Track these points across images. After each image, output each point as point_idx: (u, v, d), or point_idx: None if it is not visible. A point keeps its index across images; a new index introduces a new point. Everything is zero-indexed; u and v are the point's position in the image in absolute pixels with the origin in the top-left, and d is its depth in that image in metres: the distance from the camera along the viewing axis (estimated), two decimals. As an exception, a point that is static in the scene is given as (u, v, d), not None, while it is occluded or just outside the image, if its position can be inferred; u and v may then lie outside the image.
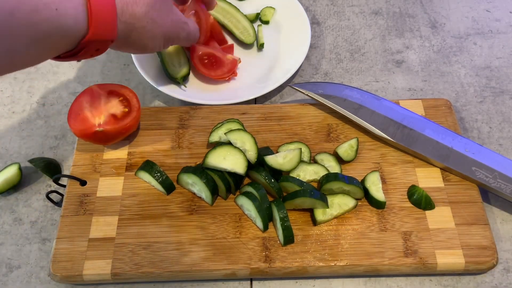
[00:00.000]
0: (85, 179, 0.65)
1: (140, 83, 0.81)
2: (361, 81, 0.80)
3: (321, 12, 0.91)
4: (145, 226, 0.61)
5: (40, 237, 0.65)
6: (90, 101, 0.66)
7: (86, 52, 0.53)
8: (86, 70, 0.83)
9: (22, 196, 0.68)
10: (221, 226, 0.61)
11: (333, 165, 0.65)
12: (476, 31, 0.87)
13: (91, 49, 0.53)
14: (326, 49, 0.85)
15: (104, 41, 0.53)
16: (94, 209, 0.63)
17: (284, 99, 0.79)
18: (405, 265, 0.58)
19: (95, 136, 0.64)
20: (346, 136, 0.69)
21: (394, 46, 0.85)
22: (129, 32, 0.56)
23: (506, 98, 0.78)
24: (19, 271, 0.62)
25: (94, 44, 0.52)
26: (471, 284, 0.60)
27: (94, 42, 0.52)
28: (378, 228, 0.61)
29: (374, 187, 0.63)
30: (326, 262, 0.58)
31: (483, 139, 0.73)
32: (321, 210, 0.61)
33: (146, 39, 0.59)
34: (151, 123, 0.71)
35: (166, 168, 0.66)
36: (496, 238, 0.63)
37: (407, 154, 0.67)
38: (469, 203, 0.63)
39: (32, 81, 0.81)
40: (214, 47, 0.80)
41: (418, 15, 0.90)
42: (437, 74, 0.81)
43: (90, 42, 0.51)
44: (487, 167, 0.64)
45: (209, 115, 0.72)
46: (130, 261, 0.59)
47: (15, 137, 0.74)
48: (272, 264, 0.58)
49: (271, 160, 0.63)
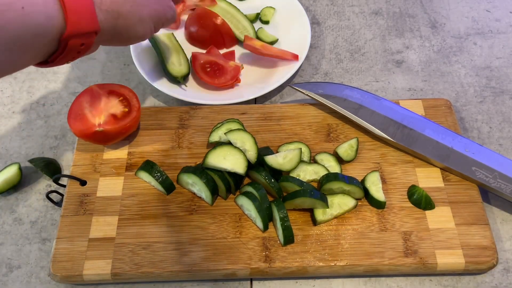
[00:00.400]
0: (85, 179, 0.65)
1: (140, 83, 0.81)
2: (361, 81, 0.80)
3: (321, 12, 0.91)
4: (145, 226, 0.61)
5: (40, 237, 0.65)
6: (90, 101, 0.66)
7: (71, 49, 0.50)
8: (86, 70, 0.83)
9: (22, 196, 0.68)
10: (221, 226, 0.61)
11: (333, 165, 0.65)
12: (476, 31, 0.87)
13: (76, 45, 0.50)
14: (326, 49, 0.85)
15: (86, 33, 0.50)
16: (94, 209, 0.63)
17: (284, 99, 0.79)
18: (405, 265, 0.58)
19: (95, 136, 0.64)
20: (346, 136, 0.69)
21: (394, 46, 0.85)
22: (114, 20, 0.54)
23: (506, 98, 0.78)
24: (19, 271, 0.62)
25: (77, 39, 0.49)
26: (471, 284, 0.60)
27: (75, 37, 0.49)
28: (378, 228, 0.61)
29: (374, 187, 0.63)
30: (326, 262, 0.58)
31: (483, 139, 0.73)
32: (321, 210, 0.61)
33: (134, 25, 0.57)
34: (151, 123, 0.71)
35: (166, 168, 0.66)
36: (496, 238, 0.63)
37: (407, 154, 0.67)
38: (469, 203, 0.63)
39: (32, 81, 0.81)
40: (216, 54, 0.80)
41: (418, 15, 0.90)
42: (437, 74, 0.81)
43: (70, 37, 0.48)
44: (487, 167, 0.64)
45: (209, 115, 0.72)
46: (130, 261, 0.59)
47: (15, 137, 0.74)
48: (272, 264, 0.58)
49: (271, 160, 0.63)
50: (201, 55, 0.77)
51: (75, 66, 0.83)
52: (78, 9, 0.48)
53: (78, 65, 0.83)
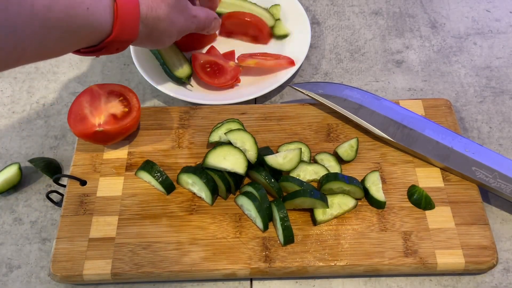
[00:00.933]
0: (85, 179, 0.65)
1: (140, 83, 0.81)
2: (361, 81, 0.80)
3: (321, 12, 0.91)
4: (145, 226, 0.61)
5: (40, 237, 0.65)
6: (90, 101, 0.66)
7: (107, 50, 0.56)
8: (86, 70, 0.83)
9: (22, 196, 0.68)
10: (221, 226, 0.61)
11: (333, 165, 0.65)
12: (476, 31, 0.87)
13: (112, 48, 0.56)
14: (326, 49, 0.85)
15: (125, 41, 0.56)
16: (94, 209, 0.63)
17: (284, 99, 0.79)
18: (405, 265, 0.58)
19: (95, 136, 0.64)
20: (346, 136, 0.69)
21: (394, 46, 0.85)
22: (149, 33, 0.60)
23: (506, 98, 0.78)
24: (19, 271, 0.62)
25: (116, 44, 0.56)
26: (471, 284, 0.60)
27: (116, 42, 0.55)
28: (378, 228, 0.61)
29: (374, 187, 0.63)
30: (326, 262, 0.58)
31: (483, 139, 0.73)
32: (321, 210, 0.61)
33: (164, 37, 0.63)
34: (151, 123, 0.71)
35: (166, 168, 0.66)
36: (496, 238, 0.63)
37: (407, 154, 0.67)
38: (469, 203, 0.63)
39: (32, 81, 0.81)
40: (216, 54, 0.80)
41: (418, 15, 0.90)
42: (437, 74, 0.81)
43: (112, 42, 0.55)
44: (487, 167, 0.64)
45: (209, 115, 0.72)
46: (130, 261, 0.59)
47: (15, 137, 0.74)
48: (272, 264, 0.58)
49: (271, 160, 0.63)
50: (201, 55, 0.77)
51: (75, 66, 0.83)
52: (127, 20, 0.54)
53: (78, 65, 0.83)
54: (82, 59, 0.84)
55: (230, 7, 0.84)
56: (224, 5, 0.85)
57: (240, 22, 0.82)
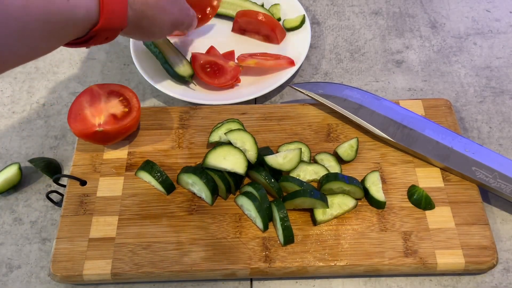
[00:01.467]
0: (85, 179, 0.65)
1: (140, 83, 0.81)
2: (361, 81, 0.80)
3: (321, 12, 0.91)
4: (145, 226, 0.61)
5: (40, 237, 0.65)
6: (90, 101, 0.66)
7: (96, 40, 0.54)
8: (86, 70, 0.83)
9: (22, 196, 0.68)
10: (221, 226, 0.61)
11: (333, 165, 0.65)
12: (476, 31, 0.87)
13: (101, 37, 0.54)
14: (326, 49, 0.85)
15: (114, 29, 0.54)
16: (94, 209, 0.63)
17: (284, 99, 0.79)
18: (405, 265, 0.58)
19: (95, 136, 0.64)
20: (346, 136, 0.69)
21: (394, 46, 0.85)
22: (139, 20, 0.58)
23: (506, 98, 0.78)
24: (19, 271, 0.62)
25: (105, 33, 0.54)
26: (471, 284, 0.60)
27: (104, 31, 0.53)
28: (378, 228, 0.61)
29: (374, 187, 0.63)
30: (326, 262, 0.58)
31: (483, 139, 0.73)
32: (321, 210, 0.61)
33: (155, 27, 0.61)
34: (151, 123, 0.71)
35: (166, 168, 0.66)
36: (496, 238, 0.63)
37: (407, 154, 0.67)
38: (469, 203, 0.63)
39: (32, 81, 0.81)
40: (215, 54, 0.80)
41: (418, 15, 0.90)
42: (437, 74, 0.81)
43: (100, 30, 0.53)
44: (487, 167, 0.64)
45: (209, 115, 0.72)
46: (130, 261, 0.59)
47: (15, 137, 0.74)
48: (272, 264, 0.58)
49: (271, 160, 0.63)
50: (201, 55, 0.77)
51: (75, 66, 0.83)
52: (114, 7, 0.52)
53: (78, 65, 0.83)
54: (82, 59, 0.84)
55: (230, 7, 0.84)
56: (224, 5, 0.85)
57: (253, 21, 0.82)
